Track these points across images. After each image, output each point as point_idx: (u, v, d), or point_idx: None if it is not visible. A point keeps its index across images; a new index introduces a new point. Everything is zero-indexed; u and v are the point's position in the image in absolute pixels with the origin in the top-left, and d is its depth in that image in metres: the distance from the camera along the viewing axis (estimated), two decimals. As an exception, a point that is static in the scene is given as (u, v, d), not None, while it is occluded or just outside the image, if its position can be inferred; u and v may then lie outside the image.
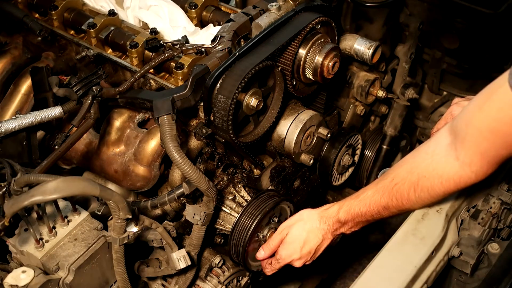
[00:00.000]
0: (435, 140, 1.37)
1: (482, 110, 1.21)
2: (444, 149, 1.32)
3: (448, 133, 1.32)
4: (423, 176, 1.35)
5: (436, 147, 1.34)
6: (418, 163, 1.37)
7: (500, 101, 1.16)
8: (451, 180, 1.32)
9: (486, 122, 1.20)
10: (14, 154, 1.59)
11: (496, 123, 1.18)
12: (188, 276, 1.62)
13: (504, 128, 1.18)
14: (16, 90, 1.80)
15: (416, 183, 1.37)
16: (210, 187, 1.44)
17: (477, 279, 1.60)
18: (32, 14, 1.92)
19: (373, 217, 1.49)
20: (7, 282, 1.29)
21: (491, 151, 1.24)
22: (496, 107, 1.17)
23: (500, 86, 1.15)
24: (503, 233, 1.66)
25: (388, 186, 1.43)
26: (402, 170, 1.41)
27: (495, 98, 1.17)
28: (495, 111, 1.17)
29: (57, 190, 1.15)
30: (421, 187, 1.36)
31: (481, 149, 1.24)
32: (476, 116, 1.22)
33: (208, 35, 1.78)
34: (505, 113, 1.15)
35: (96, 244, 1.37)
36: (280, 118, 1.73)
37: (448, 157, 1.30)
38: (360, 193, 1.51)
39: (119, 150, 1.71)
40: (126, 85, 1.63)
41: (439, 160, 1.32)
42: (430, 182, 1.34)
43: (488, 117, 1.19)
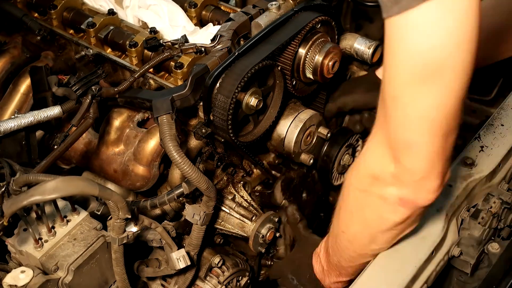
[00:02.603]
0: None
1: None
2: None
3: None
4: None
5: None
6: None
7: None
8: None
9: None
10: (13, 154, 1.59)
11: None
12: (187, 276, 1.61)
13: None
14: (15, 89, 1.80)
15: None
16: (209, 187, 1.44)
17: (477, 279, 1.59)
18: (31, 13, 1.92)
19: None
20: (6, 282, 1.28)
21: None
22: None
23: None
24: (503, 233, 1.66)
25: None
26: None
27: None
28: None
29: (56, 190, 1.15)
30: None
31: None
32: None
33: (208, 35, 1.77)
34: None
35: (95, 244, 1.37)
36: (280, 118, 1.72)
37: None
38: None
39: (118, 149, 1.71)
40: (125, 84, 1.63)
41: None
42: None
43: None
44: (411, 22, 0.93)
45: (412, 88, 0.99)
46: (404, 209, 1.15)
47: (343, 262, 1.41)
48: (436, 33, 0.93)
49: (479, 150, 1.62)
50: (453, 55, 0.95)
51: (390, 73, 1.01)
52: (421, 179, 1.09)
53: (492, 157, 1.60)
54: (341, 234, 1.34)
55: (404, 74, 0.98)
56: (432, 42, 0.93)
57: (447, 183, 1.52)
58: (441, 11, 0.91)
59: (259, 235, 1.73)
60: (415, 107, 1.01)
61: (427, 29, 0.93)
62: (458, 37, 0.94)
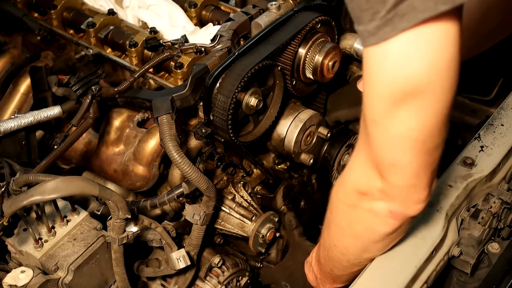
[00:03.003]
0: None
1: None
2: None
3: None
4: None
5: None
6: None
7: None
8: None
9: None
10: (13, 154, 1.59)
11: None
12: (187, 276, 1.61)
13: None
14: (15, 89, 1.80)
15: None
16: (209, 187, 1.44)
17: (477, 279, 1.59)
18: (31, 13, 1.92)
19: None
20: (6, 282, 1.28)
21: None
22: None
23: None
24: (503, 233, 1.66)
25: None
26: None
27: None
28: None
29: (56, 190, 1.15)
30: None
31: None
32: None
33: (208, 35, 1.77)
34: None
35: (95, 244, 1.37)
36: (279, 118, 1.72)
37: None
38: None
39: (118, 149, 1.71)
40: (125, 84, 1.63)
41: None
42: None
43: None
44: (388, 53, 0.93)
45: (392, 114, 0.99)
46: (394, 221, 1.17)
47: (336, 271, 1.42)
48: (413, 63, 0.93)
49: (479, 150, 1.61)
50: (431, 83, 0.95)
51: (369, 99, 1.02)
52: (408, 193, 1.10)
53: (492, 157, 1.60)
54: (333, 247, 1.35)
55: (382, 101, 0.99)
56: (409, 71, 0.94)
57: (447, 184, 1.53)
58: (418, 42, 0.92)
59: (259, 235, 1.73)
60: (396, 130, 1.01)
61: (404, 60, 0.93)
62: (436, 67, 0.94)
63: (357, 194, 1.16)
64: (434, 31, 0.91)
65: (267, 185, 1.88)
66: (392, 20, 0.89)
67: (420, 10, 0.87)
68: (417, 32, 0.90)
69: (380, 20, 0.89)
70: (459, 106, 2.61)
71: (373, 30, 0.91)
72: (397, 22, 0.89)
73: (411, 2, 0.87)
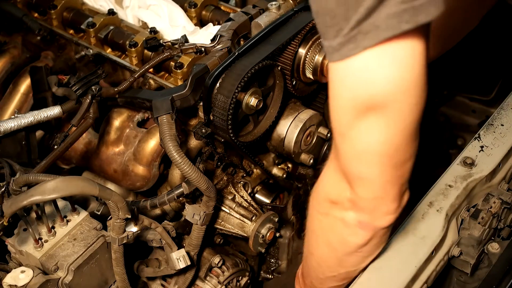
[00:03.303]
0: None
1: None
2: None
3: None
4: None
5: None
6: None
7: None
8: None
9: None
10: (13, 154, 1.59)
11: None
12: (187, 276, 1.61)
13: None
14: (15, 89, 1.80)
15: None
16: (209, 187, 1.44)
17: (477, 279, 1.59)
18: (31, 13, 1.92)
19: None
20: (6, 282, 1.29)
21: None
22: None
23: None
24: (503, 233, 1.66)
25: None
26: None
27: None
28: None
29: (56, 190, 1.15)
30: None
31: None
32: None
33: (208, 35, 1.77)
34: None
35: (95, 244, 1.37)
36: (279, 118, 1.72)
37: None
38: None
39: (118, 149, 1.71)
40: (125, 84, 1.63)
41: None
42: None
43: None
44: (351, 69, 0.94)
45: (355, 126, 1.00)
46: (364, 232, 1.17)
47: (316, 284, 1.42)
48: (376, 80, 0.93)
49: (479, 150, 1.61)
50: (396, 100, 0.95)
51: (334, 112, 1.03)
52: (376, 205, 1.11)
53: (492, 157, 1.60)
54: (310, 256, 1.35)
55: (347, 115, 1.00)
56: (372, 88, 0.94)
57: (447, 184, 1.53)
58: (382, 60, 0.92)
59: (259, 235, 1.73)
60: (361, 143, 1.02)
61: (367, 77, 0.94)
62: (401, 84, 0.94)
63: (329, 202, 1.17)
64: (399, 49, 0.91)
65: (267, 185, 1.88)
66: (355, 38, 0.89)
67: (383, 29, 0.87)
68: (380, 50, 0.90)
69: (344, 37, 0.90)
70: (459, 106, 2.62)
71: (337, 46, 0.91)
72: (360, 40, 0.89)
73: (374, 21, 0.87)
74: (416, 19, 0.86)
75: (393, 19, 0.86)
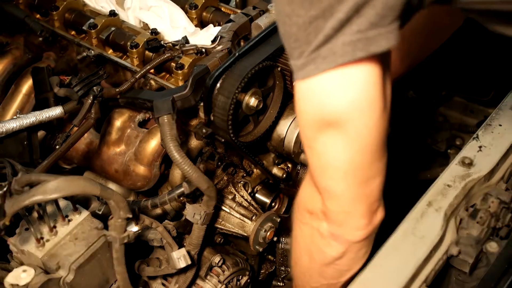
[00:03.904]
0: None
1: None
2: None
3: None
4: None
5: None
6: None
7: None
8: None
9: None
10: (15, 154, 1.59)
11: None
12: (188, 275, 1.62)
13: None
14: (17, 90, 1.81)
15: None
16: (210, 187, 1.45)
17: (475, 278, 1.60)
18: (33, 14, 1.93)
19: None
20: (7, 281, 1.29)
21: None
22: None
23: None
24: (501, 232, 1.66)
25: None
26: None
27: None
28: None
29: (58, 190, 1.16)
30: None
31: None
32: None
33: (208, 36, 1.78)
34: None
35: (96, 244, 1.37)
36: (279, 118, 1.73)
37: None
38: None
39: (119, 149, 1.72)
40: (126, 85, 1.64)
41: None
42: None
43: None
44: (312, 87, 1.00)
45: (319, 142, 1.05)
46: (337, 244, 1.20)
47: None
48: (333, 100, 0.99)
49: (477, 150, 1.62)
50: (353, 119, 1.00)
51: (301, 126, 1.09)
52: (345, 219, 1.14)
53: (490, 157, 1.60)
54: (295, 265, 1.38)
55: (310, 129, 1.05)
56: (330, 106, 1.00)
57: (446, 184, 1.54)
58: (341, 81, 0.97)
59: (259, 234, 1.73)
60: (326, 159, 1.06)
61: (325, 96, 0.99)
62: (357, 105, 0.99)
63: (306, 212, 1.21)
64: (354, 73, 0.96)
65: (267, 185, 1.89)
66: (315, 60, 0.95)
67: (339, 55, 0.93)
68: (338, 73, 0.96)
69: (306, 59, 0.96)
70: (457, 107, 2.62)
71: (300, 66, 0.98)
72: (319, 63, 0.95)
73: (332, 47, 0.93)
74: (369, 48, 0.92)
75: (348, 47, 0.92)
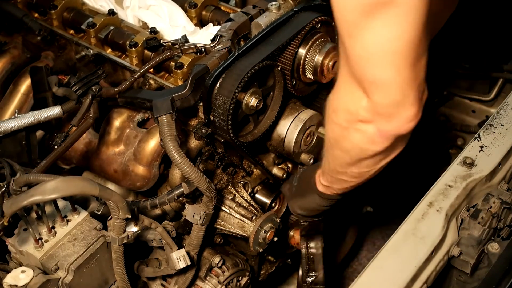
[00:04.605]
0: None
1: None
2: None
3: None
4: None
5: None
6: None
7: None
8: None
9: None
10: (13, 154, 1.59)
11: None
12: (187, 276, 1.62)
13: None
14: (16, 89, 1.81)
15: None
16: (209, 187, 1.44)
17: (477, 279, 1.59)
18: (32, 13, 1.92)
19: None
20: (6, 282, 1.29)
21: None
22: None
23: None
24: (503, 233, 1.66)
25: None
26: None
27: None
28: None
29: (57, 190, 1.15)
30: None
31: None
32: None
33: (208, 35, 1.78)
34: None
35: (95, 244, 1.37)
36: (280, 118, 1.72)
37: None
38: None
39: (118, 149, 1.71)
40: (125, 84, 1.63)
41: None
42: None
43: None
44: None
45: (366, 23, 0.95)
46: (383, 139, 1.12)
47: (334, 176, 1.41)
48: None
49: (478, 150, 1.62)
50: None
51: (340, 13, 0.99)
52: (396, 111, 1.05)
53: (492, 157, 1.60)
54: (327, 151, 1.33)
55: (354, 11, 0.96)
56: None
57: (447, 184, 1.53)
58: None
59: (259, 235, 1.73)
60: (373, 42, 0.97)
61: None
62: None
63: (346, 113, 1.13)
64: None
65: (267, 185, 1.88)
66: None
67: None
68: None
69: None
70: (459, 106, 2.62)
71: None
72: None
73: None
74: None
75: None
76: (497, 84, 2.50)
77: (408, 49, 0.98)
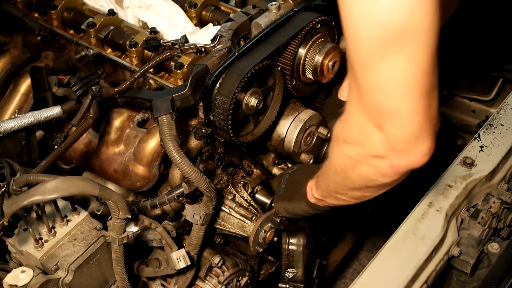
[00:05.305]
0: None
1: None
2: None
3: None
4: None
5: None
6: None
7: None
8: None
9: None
10: (13, 154, 1.59)
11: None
12: (187, 276, 1.62)
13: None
14: (16, 89, 1.81)
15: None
16: (209, 187, 1.44)
17: (477, 279, 1.60)
18: (32, 13, 1.92)
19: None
20: (6, 282, 1.29)
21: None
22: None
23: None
24: (503, 233, 1.66)
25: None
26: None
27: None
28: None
29: (57, 190, 1.15)
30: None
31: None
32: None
33: (208, 35, 1.78)
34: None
35: (95, 244, 1.37)
36: (279, 118, 1.72)
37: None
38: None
39: (118, 149, 1.71)
40: (125, 84, 1.63)
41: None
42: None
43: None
44: (370, 2, 0.91)
45: (380, 54, 0.95)
46: (395, 174, 1.10)
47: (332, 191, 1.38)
48: (397, 10, 0.90)
49: (478, 150, 1.62)
50: (415, 17, 0.91)
51: (353, 42, 0.98)
52: (411, 145, 1.03)
53: (492, 157, 1.60)
54: (328, 174, 1.31)
55: (368, 43, 0.95)
56: (394, 18, 0.91)
57: (447, 184, 1.53)
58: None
59: (259, 235, 1.73)
60: (388, 72, 0.96)
61: (388, 8, 0.90)
62: (420, 12, 0.90)
63: (357, 146, 1.10)
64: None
65: (267, 185, 1.88)
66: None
67: None
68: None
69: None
70: (459, 106, 2.62)
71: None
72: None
73: None
74: None
75: None
76: (497, 84, 2.51)
77: (423, 77, 0.97)
